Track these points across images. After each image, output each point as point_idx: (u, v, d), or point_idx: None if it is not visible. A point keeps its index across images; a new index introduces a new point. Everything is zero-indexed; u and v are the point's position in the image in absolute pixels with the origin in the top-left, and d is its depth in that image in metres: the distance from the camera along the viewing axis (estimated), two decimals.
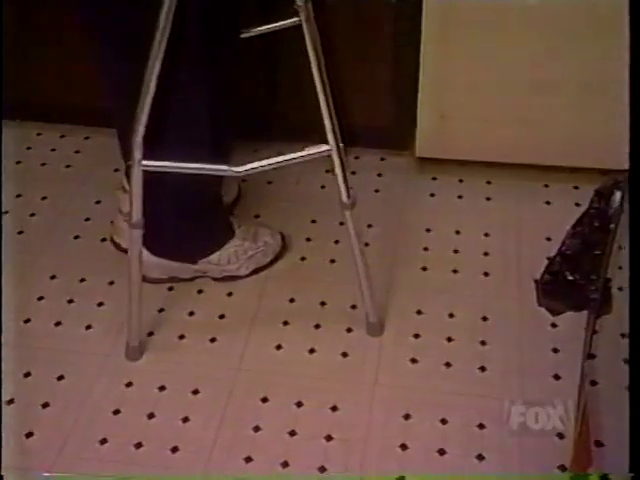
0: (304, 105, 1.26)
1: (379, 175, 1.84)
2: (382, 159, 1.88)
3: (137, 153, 1.19)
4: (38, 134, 2.00)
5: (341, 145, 1.28)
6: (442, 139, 1.76)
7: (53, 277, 1.64)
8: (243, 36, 1.37)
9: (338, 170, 1.29)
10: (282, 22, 1.27)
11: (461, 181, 1.81)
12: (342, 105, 1.68)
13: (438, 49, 1.64)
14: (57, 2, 1.67)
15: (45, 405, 1.39)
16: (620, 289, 1.03)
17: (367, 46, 1.70)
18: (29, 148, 1.97)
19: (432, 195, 1.79)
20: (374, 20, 1.66)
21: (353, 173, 1.80)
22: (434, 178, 1.82)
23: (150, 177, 1.25)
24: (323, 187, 1.78)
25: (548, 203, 1.76)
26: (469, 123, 1.73)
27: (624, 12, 1.47)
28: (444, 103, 1.72)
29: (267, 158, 1.26)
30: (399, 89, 1.74)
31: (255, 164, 1.25)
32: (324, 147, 1.27)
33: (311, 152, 1.26)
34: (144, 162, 1.20)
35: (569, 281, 1.04)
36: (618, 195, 0.95)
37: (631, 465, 0.81)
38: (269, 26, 1.33)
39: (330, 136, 1.26)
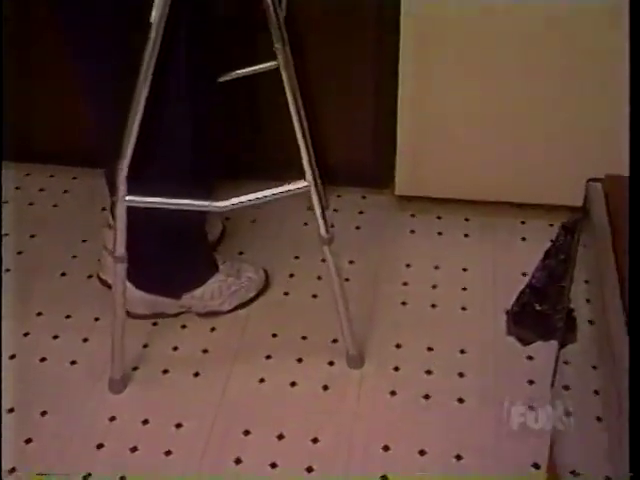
0: (286, 144, 1.30)
1: (360, 213, 1.89)
2: (363, 197, 1.93)
3: (121, 189, 1.24)
4: (27, 174, 2.04)
5: (319, 181, 1.33)
6: (420, 178, 1.82)
7: (39, 314, 1.66)
8: (223, 79, 1.44)
9: (316, 206, 1.34)
10: (261, 65, 1.33)
11: (439, 218, 1.86)
12: (324, 145, 1.76)
13: (416, 90, 1.70)
14: (46, 48, 1.72)
15: (28, 440, 1.40)
16: (591, 322, 1.07)
17: (348, 86, 1.76)
18: (17, 188, 2.00)
19: (412, 232, 1.84)
20: (355, 58, 1.72)
21: (335, 211, 1.86)
22: (413, 215, 1.87)
23: (135, 212, 1.29)
24: (306, 224, 1.82)
25: (524, 239, 1.81)
26: (446, 162, 1.79)
27: (601, 50, 1.55)
28: (422, 143, 1.78)
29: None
30: (378, 130, 1.80)
31: (235, 200, 1.29)
32: (302, 183, 1.31)
33: (290, 188, 1.31)
34: (128, 197, 1.24)
35: (537, 311, 1.08)
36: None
37: (631, 465, 0.78)
38: (247, 70, 1.39)
39: (308, 173, 1.31)
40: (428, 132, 1.77)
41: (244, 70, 1.41)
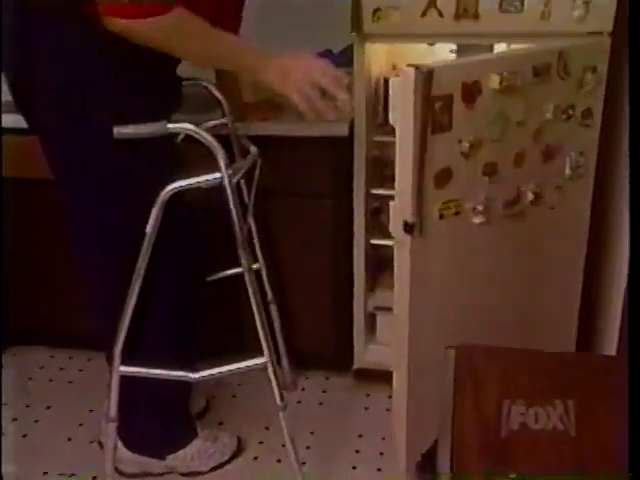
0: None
1: (324, 391, 2.23)
2: (327, 378, 2.28)
3: (116, 362, 1.62)
4: (50, 356, 2.44)
5: (274, 357, 1.69)
6: (375, 362, 2.16)
7: (45, 473, 1.97)
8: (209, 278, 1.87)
9: (272, 378, 1.69)
10: (231, 270, 1.76)
11: (389, 397, 2.18)
12: (295, 334, 2.14)
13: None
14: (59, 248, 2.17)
15: None
16: None
17: (310, 280, 2.17)
18: (42, 367, 2.39)
19: (366, 408, 2.16)
20: (317, 264, 2.15)
21: (303, 389, 2.20)
22: (368, 395, 2.20)
23: (128, 381, 1.65)
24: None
25: None
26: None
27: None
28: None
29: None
30: (338, 319, 2.18)
31: (206, 372, 1.66)
32: (261, 360, 1.68)
33: (249, 364, 1.67)
34: (121, 368, 1.62)
35: None
36: None
37: (631, 465, 0.83)
38: (219, 275, 1.82)
39: (265, 353, 1.67)
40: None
41: (216, 275, 1.86)
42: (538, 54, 1.64)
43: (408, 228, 1.55)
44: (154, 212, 1.53)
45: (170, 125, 1.51)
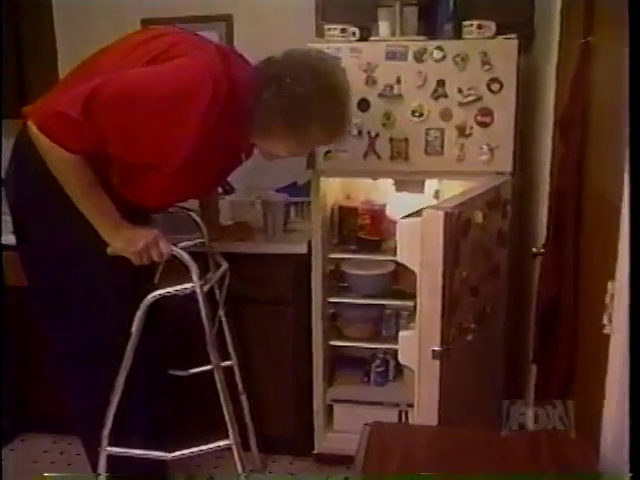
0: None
1: (291, 474, 2.53)
2: (291, 463, 2.58)
3: (104, 442, 1.96)
4: (53, 442, 2.76)
5: (238, 440, 2.02)
6: (333, 448, 2.48)
7: None
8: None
9: (236, 456, 2.02)
10: (202, 368, 2.12)
11: (346, 478, 2.48)
12: (263, 421, 2.47)
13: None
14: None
15: None
16: None
17: (274, 374, 2.51)
18: (45, 452, 2.71)
19: None
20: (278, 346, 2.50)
21: (270, 472, 2.51)
22: (327, 477, 2.50)
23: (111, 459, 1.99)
24: None
25: None
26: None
27: None
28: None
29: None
30: (301, 410, 2.51)
31: (177, 452, 2.00)
32: (226, 442, 2.01)
33: (217, 444, 2.01)
34: (107, 448, 1.96)
35: None
36: None
37: (631, 465, 0.87)
38: (194, 370, 2.19)
39: (230, 436, 2.01)
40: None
41: (189, 371, 2.23)
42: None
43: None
44: (138, 315, 1.91)
45: None
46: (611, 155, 1.51)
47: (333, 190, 2.47)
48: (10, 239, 2.24)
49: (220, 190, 2.50)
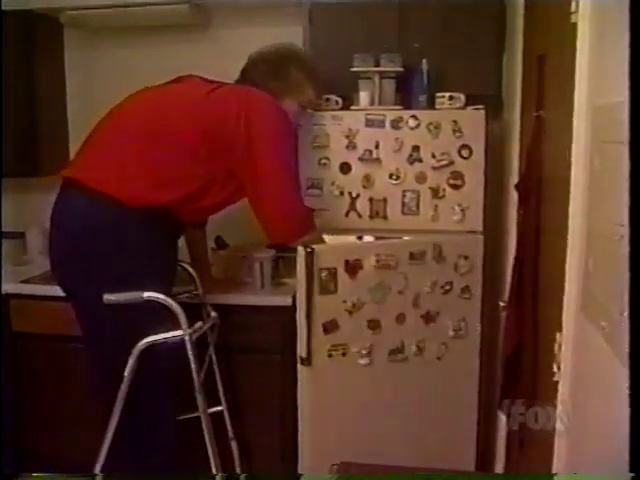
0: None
1: None
2: None
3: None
4: None
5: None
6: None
7: None
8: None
9: None
10: (190, 414, 2.26)
11: None
12: (251, 464, 2.59)
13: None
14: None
15: None
16: None
17: (258, 409, 2.64)
18: None
19: None
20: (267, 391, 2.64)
21: None
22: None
23: None
24: None
25: None
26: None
27: None
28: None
29: None
30: (287, 452, 2.63)
31: None
32: None
33: None
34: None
35: None
36: None
37: (631, 465, 0.83)
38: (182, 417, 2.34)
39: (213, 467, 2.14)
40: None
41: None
42: (415, 243, 2.24)
43: (302, 361, 2.21)
44: (130, 360, 2.06)
45: (145, 294, 2.07)
46: (559, 220, 1.67)
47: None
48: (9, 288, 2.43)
49: (214, 245, 2.70)
